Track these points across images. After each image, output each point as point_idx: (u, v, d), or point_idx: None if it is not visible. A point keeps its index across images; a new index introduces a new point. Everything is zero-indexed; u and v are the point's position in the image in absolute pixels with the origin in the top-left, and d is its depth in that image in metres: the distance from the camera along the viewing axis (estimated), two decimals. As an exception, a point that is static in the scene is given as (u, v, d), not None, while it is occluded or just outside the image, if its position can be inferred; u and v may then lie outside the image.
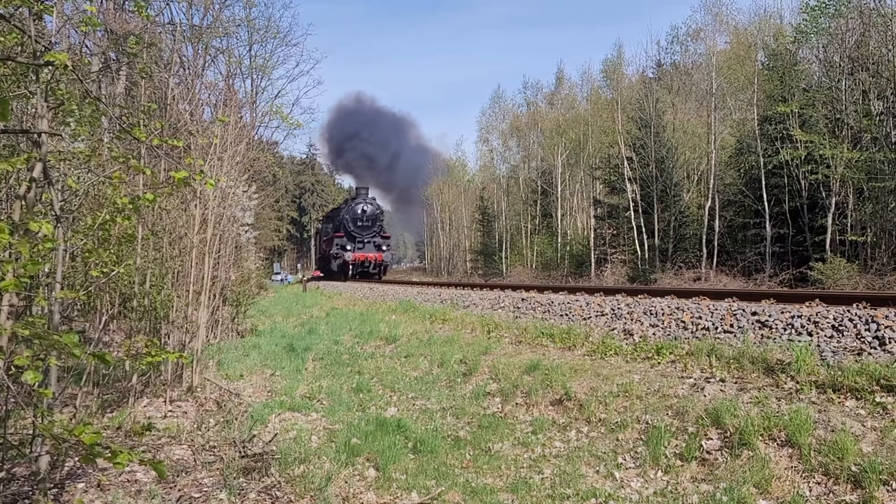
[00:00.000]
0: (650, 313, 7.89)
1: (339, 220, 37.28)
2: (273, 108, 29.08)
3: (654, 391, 5.50)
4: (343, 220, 36.18)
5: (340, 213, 37.99)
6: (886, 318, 5.45)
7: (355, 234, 35.81)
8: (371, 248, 35.75)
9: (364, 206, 36.31)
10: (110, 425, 5.78)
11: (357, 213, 36.01)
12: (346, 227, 35.78)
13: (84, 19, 4.30)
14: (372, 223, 36.53)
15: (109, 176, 5.00)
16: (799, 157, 26.06)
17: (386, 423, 6.09)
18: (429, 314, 12.19)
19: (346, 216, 35.82)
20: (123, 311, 7.71)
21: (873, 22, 23.81)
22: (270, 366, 9.25)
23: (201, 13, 22.62)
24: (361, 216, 35.95)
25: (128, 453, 2.69)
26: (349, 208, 36.50)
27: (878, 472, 3.64)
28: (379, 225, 36.96)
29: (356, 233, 35.90)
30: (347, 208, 36.48)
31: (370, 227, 36.39)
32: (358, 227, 35.87)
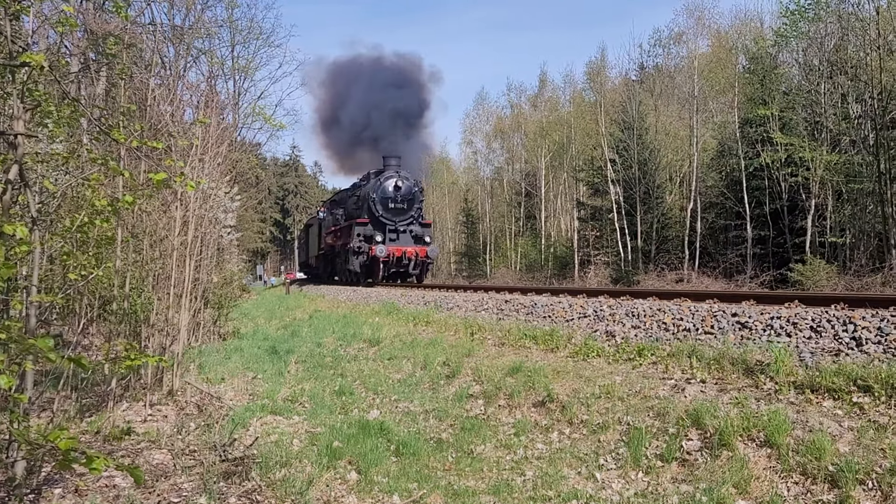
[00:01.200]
0: (632, 315, 7.93)
1: (360, 203, 26.30)
2: (256, 110, 28.97)
3: (636, 392, 5.52)
4: (367, 201, 24.96)
5: (360, 194, 26.88)
6: (863, 319, 5.51)
7: (386, 221, 24.58)
8: (408, 240, 24.82)
9: (397, 182, 24.82)
10: (89, 430, 5.72)
11: (388, 192, 24.68)
12: (372, 211, 24.57)
13: (61, 19, 4.26)
14: (408, 205, 25.00)
15: (88, 178, 4.95)
16: (779, 160, 26.34)
17: (368, 426, 6.07)
18: (412, 316, 12.18)
19: (374, 195, 24.51)
20: (103, 314, 7.64)
21: (851, 26, 24.11)
22: (252, 369, 9.20)
23: (183, 14, 22.52)
24: (394, 195, 24.71)
25: (103, 459, 2.66)
26: (377, 185, 25.00)
27: (854, 472, 3.68)
28: (417, 208, 25.48)
29: (387, 218, 24.64)
30: (375, 186, 25.04)
31: (406, 210, 24.93)
32: (390, 211, 24.65)
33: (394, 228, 24.76)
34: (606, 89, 37.45)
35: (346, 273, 27.41)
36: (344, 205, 29.76)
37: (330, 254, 31.66)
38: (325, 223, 33.04)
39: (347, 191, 30.64)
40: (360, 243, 24.70)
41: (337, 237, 29.15)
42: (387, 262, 23.99)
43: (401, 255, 24.07)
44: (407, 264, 24.43)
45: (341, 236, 28.11)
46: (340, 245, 28.00)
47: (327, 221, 32.52)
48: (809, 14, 27.49)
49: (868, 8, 23.45)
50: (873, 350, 4.95)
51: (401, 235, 24.94)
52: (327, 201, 34.29)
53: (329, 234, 31.13)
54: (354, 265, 24.96)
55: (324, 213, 34.32)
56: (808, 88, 26.89)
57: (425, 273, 25.99)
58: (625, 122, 33.29)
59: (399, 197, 24.78)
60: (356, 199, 27.27)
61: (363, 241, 24.72)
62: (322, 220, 34.21)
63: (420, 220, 25.70)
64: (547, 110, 45.80)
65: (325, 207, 34.47)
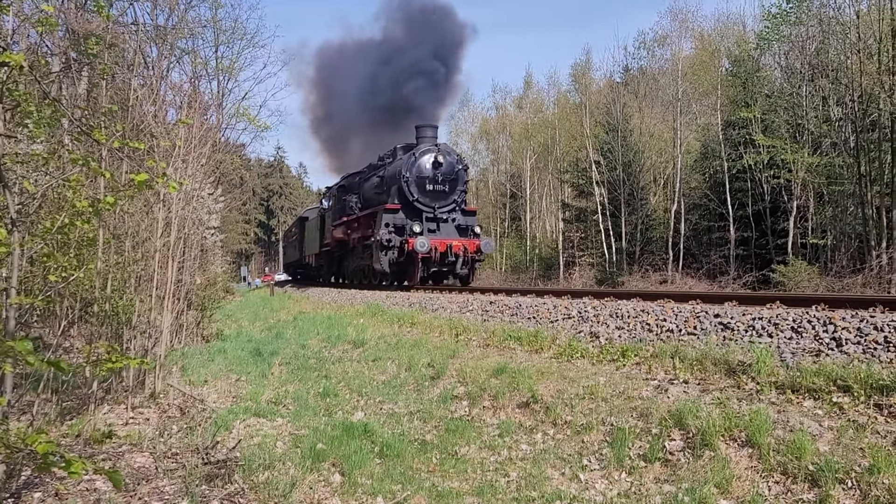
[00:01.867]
0: (616, 316, 7.96)
1: (385, 186, 20.96)
2: (240, 110, 28.78)
3: (619, 393, 5.55)
4: (397, 183, 19.58)
5: (386, 174, 21.32)
6: (843, 319, 5.57)
7: (422, 207, 19.27)
8: (450, 231, 19.48)
9: (437, 157, 19.41)
10: (69, 433, 5.67)
11: (425, 170, 19.35)
12: (404, 195, 19.28)
13: (41, 19, 4.22)
14: (450, 187, 19.59)
15: (68, 179, 4.91)
16: (761, 162, 26.58)
17: (352, 428, 6.06)
18: (397, 317, 12.17)
19: (407, 175, 19.20)
20: (84, 316, 7.56)
21: (832, 30, 24.38)
22: (236, 371, 9.15)
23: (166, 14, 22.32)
24: (433, 175, 19.32)
25: (82, 462, 2.64)
26: (410, 162, 19.52)
27: (834, 471, 3.71)
28: (461, 192, 19.99)
29: (424, 204, 19.29)
30: (407, 163, 19.54)
31: (447, 193, 19.55)
32: (427, 195, 19.33)
33: (432, 216, 19.16)
34: (591, 91, 37.65)
35: (362, 273, 22.57)
36: (358, 190, 23.95)
37: (337, 250, 25.87)
38: (331, 214, 26.81)
39: (362, 173, 24.60)
40: (389, 235, 18.90)
41: (351, 229, 23.15)
42: (427, 258, 18.28)
43: (445, 249, 18.27)
44: (453, 262, 18.59)
45: (358, 227, 22.15)
46: (357, 239, 22.16)
47: (333, 212, 26.27)
48: (791, 18, 27.79)
49: (848, 12, 23.74)
50: (853, 350, 5.00)
51: (441, 226, 19.24)
52: (333, 187, 27.08)
53: (338, 226, 24.81)
54: (382, 263, 18.97)
55: (327, 201, 28.40)
56: (789, 91, 27.17)
57: (474, 273, 20.13)
58: (609, 123, 33.48)
59: (439, 176, 19.12)
60: (379, 181, 21.51)
61: (391, 232, 18.96)
62: (325, 211, 28.39)
63: (463, 207, 20.01)
64: (532, 111, 45.95)
65: (328, 195, 28.59)
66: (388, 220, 19.30)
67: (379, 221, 19.47)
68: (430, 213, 19.23)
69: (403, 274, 19.71)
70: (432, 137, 20.25)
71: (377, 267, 19.61)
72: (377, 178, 21.87)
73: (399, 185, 19.32)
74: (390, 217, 19.32)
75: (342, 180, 26.49)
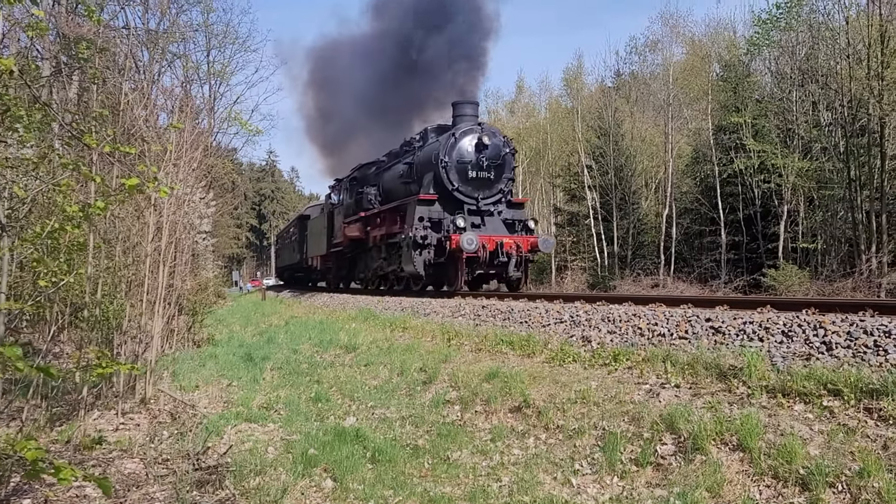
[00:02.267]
0: (608, 320, 7.98)
1: (416, 174, 17.83)
2: (232, 115, 28.73)
3: (611, 397, 5.56)
4: (433, 169, 16.49)
5: (416, 160, 18.01)
6: (833, 323, 5.59)
7: (464, 198, 16.21)
8: (497, 226, 16.42)
9: (481, 137, 16.24)
10: (59, 439, 5.63)
11: (467, 154, 16.23)
12: (442, 184, 16.19)
13: (31, 23, 4.20)
14: (496, 174, 16.51)
15: (58, 183, 4.89)
16: (752, 167, 26.70)
17: (344, 433, 6.05)
18: (389, 322, 12.16)
19: (445, 159, 16.13)
20: (74, 321, 7.52)
21: (822, 36, 24.56)
22: (227, 376, 9.11)
23: (157, 18, 22.32)
24: (476, 159, 16.22)
25: (71, 469, 2.62)
26: (448, 145, 16.33)
27: (824, 475, 3.73)
28: (507, 180, 16.90)
29: (466, 194, 16.22)
30: (445, 145, 16.34)
31: (492, 181, 16.49)
32: (470, 183, 16.29)
33: (475, 209, 16.00)
34: (583, 95, 37.73)
35: (383, 277, 19.59)
36: (376, 181, 20.90)
37: (350, 251, 22.56)
38: (342, 209, 23.21)
39: (380, 163, 21.50)
40: (425, 231, 15.58)
41: (371, 225, 19.64)
42: (474, 259, 14.93)
43: (495, 248, 14.99)
44: (504, 263, 15.33)
45: (380, 224, 18.73)
46: (379, 237, 18.81)
47: (345, 207, 22.85)
48: (781, 23, 27.98)
49: (838, 18, 23.91)
50: (843, 354, 5.02)
51: (486, 220, 16.11)
52: (345, 179, 23.68)
53: (352, 222, 21.23)
54: (416, 265, 15.64)
55: (337, 195, 24.66)
56: (779, 96, 27.33)
57: (527, 277, 16.91)
58: (601, 128, 33.58)
59: (483, 161, 15.86)
60: (406, 169, 18.08)
61: (429, 227, 15.69)
62: (335, 207, 24.61)
63: (510, 198, 16.92)
64: (524, 116, 46.04)
65: (337, 189, 24.72)
66: (422, 213, 15.90)
67: (411, 215, 16.03)
68: (472, 205, 16.03)
69: (441, 277, 16.52)
70: (472, 116, 16.82)
71: (408, 269, 16.31)
72: (404, 166, 18.31)
73: (435, 173, 16.13)
74: (425, 210, 15.96)
75: (354, 171, 23.07)
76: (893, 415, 4.03)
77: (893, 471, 3.63)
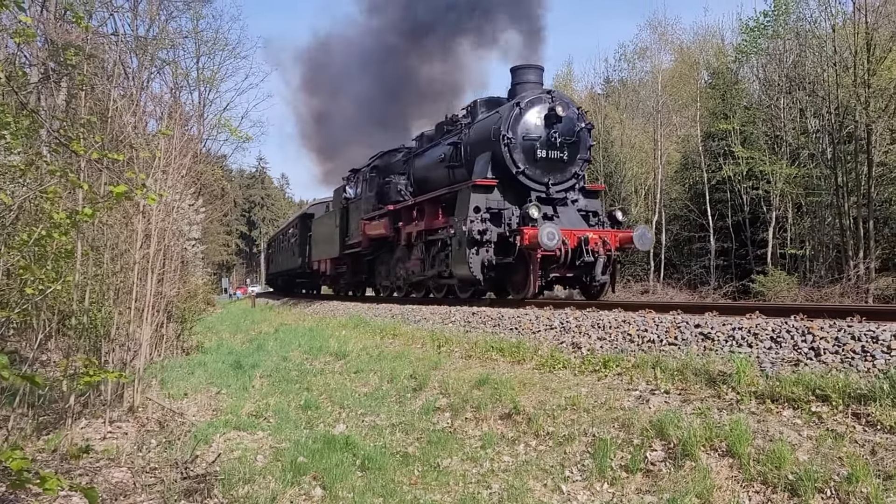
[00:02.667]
0: (598, 326, 7.99)
1: (464, 156, 14.31)
2: (221, 121, 28.69)
3: (601, 404, 5.56)
4: (498, 146, 12.72)
5: (466, 139, 14.39)
6: (821, 329, 5.62)
7: (532, 184, 12.81)
8: (573, 218, 13.12)
9: (556, 108, 12.64)
10: (46, 448, 5.58)
11: (535, 129, 12.75)
12: (504, 166, 12.76)
13: (19, 30, 4.18)
14: (570, 154, 13.04)
15: (45, 190, 4.86)
16: (741, 173, 26.88)
17: (334, 441, 6.02)
18: (379, 329, 12.13)
19: (509, 136, 12.56)
20: (62, 329, 7.47)
21: (809, 43, 24.78)
22: (216, 384, 9.06)
23: (147, 24, 22.29)
24: (548, 136, 12.73)
25: (57, 478, 2.59)
26: (513, 118, 12.67)
27: (813, 480, 3.74)
28: (582, 162, 13.35)
29: (533, 178, 12.81)
30: (509, 118, 12.66)
31: (565, 163, 13.04)
32: (538, 165, 12.81)
33: (545, 196, 12.74)
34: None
35: (418, 284, 16.15)
36: (406, 169, 17.38)
37: (372, 252, 19.07)
38: (361, 204, 19.55)
39: (407, 149, 18.18)
40: (483, 225, 12.27)
41: (402, 221, 16.18)
42: (551, 258, 11.67)
43: (577, 244, 11.67)
44: (590, 263, 11.95)
45: (418, 218, 15.33)
46: (416, 234, 15.37)
47: (365, 201, 19.17)
48: (768, 31, 28.22)
49: (824, 25, 24.15)
50: (831, 360, 5.05)
51: (559, 210, 12.86)
52: (364, 169, 20.00)
53: (375, 218, 17.75)
54: (472, 266, 12.28)
55: (353, 188, 20.89)
56: (767, 103, 27.55)
57: (614, 281, 13.33)
58: (591, 135, 33.68)
59: (556, 138, 12.57)
60: (450, 150, 14.60)
61: (489, 220, 12.46)
62: (350, 202, 20.89)
63: (583, 184, 13.68)
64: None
65: (353, 181, 21.04)
66: (478, 202, 12.55)
67: (463, 205, 12.68)
68: (541, 192, 12.69)
69: (503, 282, 13.25)
70: (537, 84, 13.44)
71: (460, 273, 12.83)
72: (446, 148, 14.80)
73: (493, 153, 12.83)
74: (481, 198, 12.59)
75: (375, 160, 19.63)
76: (881, 420, 4.05)
77: (881, 476, 3.64)
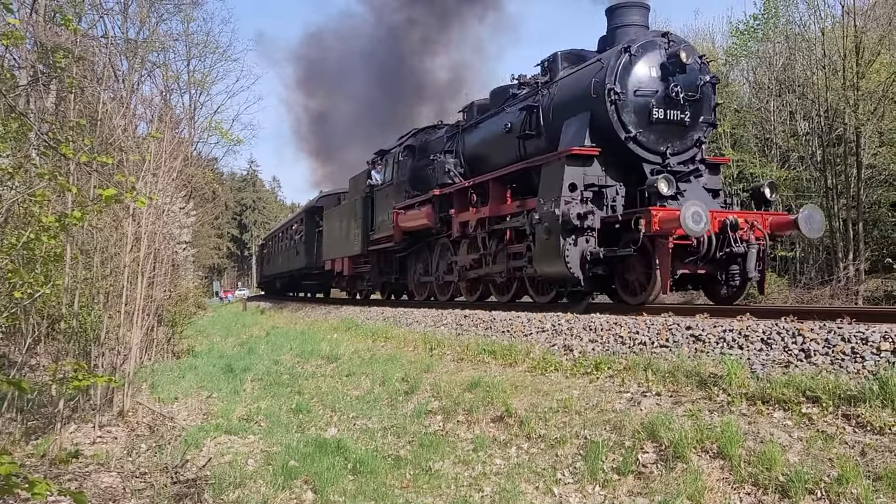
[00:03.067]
0: (590, 329, 7.99)
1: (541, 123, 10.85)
2: (212, 124, 28.60)
3: (593, 406, 5.56)
4: (602, 104, 9.33)
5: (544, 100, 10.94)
6: (812, 331, 5.64)
7: (644, 152, 9.45)
8: (703, 198, 9.43)
9: (681, 53, 9.28)
10: (35, 453, 5.55)
11: (648, 81, 9.40)
12: (608, 128, 9.36)
13: (7, 32, 4.15)
14: (692, 115, 9.56)
15: (34, 193, 4.83)
16: (731, 175, 26.95)
17: (325, 444, 6.00)
18: (371, 332, 12.11)
19: (617, 90, 9.24)
20: (51, 333, 7.43)
21: (798, 46, 24.90)
22: (207, 387, 9.03)
23: (137, 27, 22.20)
24: (666, 91, 9.38)
25: (46, 483, 2.57)
26: (620, 67, 9.32)
27: (803, 482, 3.75)
28: (707, 126, 9.95)
29: (647, 146, 9.45)
30: (614, 68, 9.33)
31: (686, 127, 9.61)
32: (653, 128, 9.41)
33: (660, 167, 9.69)
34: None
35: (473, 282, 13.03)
36: (454, 146, 14.11)
37: (406, 247, 15.88)
38: (390, 190, 16.54)
39: (457, 124, 14.61)
40: (584, 206, 9.40)
41: (455, 207, 13.10)
42: (684, 249, 8.86)
43: (721, 229, 8.79)
44: (740, 255, 9.04)
45: (479, 202, 12.40)
46: (475, 222, 12.36)
47: (395, 187, 16.19)
48: (758, 34, 28.35)
49: (814, 29, 24.27)
50: (821, 361, 5.06)
51: (681, 187, 9.57)
52: (393, 150, 16.97)
53: (414, 206, 14.67)
54: (567, 259, 9.31)
55: (380, 173, 17.63)
56: (757, 106, 27.67)
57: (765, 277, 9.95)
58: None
59: (676, 93, 9.56)
60: (523, 116, 11.45)
61: (590, 200, 9.58)
62: (378, 188, 17.50)
63: (704, 156, 10.56)
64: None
65: (381, 164, 17.69)
66: (574, 177, 9.49)
67: (555, 181, 9.60)
68: (656, 164, 9.60)
69: (609, 281, 10.09)
70: (643, 27, 10.42)
71: (548, 269, 9.79)
72: (516, 115, 11.65)
73: (595, 113, 9.63)
74: (578, 172, 9.52)
75: (407, 138, 16.67)
76: (871, 421, 4.07)
77: (871, 477, 3.65)
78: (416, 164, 15.76)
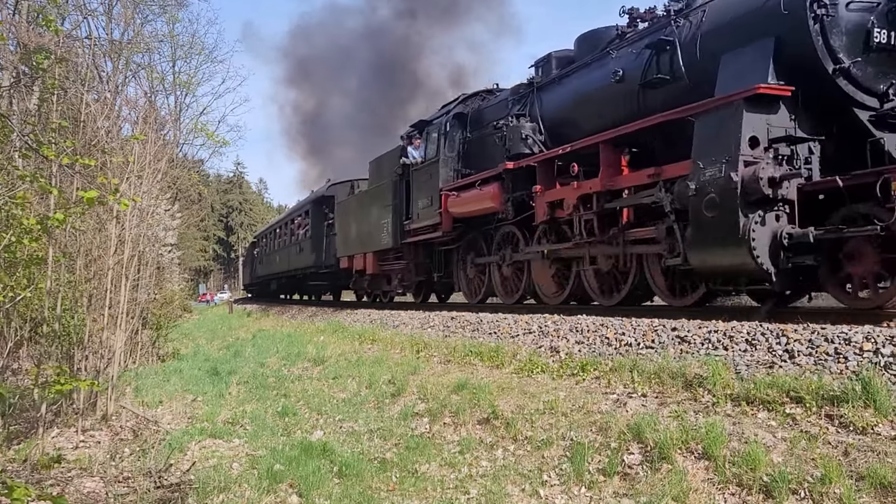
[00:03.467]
0: (576, 330, 8.01)
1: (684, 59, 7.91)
2: (198, 126, 28.40)
3: (579, 407, 5.57)
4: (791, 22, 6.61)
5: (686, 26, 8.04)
6: (795, 331, 5.68)
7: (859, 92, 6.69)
8: None
9: None
10: (16, 458, 5.48)
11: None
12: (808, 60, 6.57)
13: (-13, 32, 4.11)
14: None
15: (15, 195, 4.79)
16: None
17: (311, 448, 5.97)
18: (358, 334, 12.08)
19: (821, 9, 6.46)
20: (34, 336, 7.35)
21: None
22: (192, 391, 8.96)
23: (121, 28, 22.03)
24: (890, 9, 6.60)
25: (25, 488, 2.54)
26: None
27: (787, 482, 3.77)
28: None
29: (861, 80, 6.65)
30: None
31: None
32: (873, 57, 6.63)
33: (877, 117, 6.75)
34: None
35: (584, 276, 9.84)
36: (526, 108, 11.45)
37: (453, 237, 13.26)
38: (432, 170, 13.50)
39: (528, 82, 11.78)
40: (775, 169, 6.46)
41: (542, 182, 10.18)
42: None
43: None
44: None
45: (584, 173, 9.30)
46: (574, 201, 9.37)
47: (443, 164, 13.19)
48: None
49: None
50: (805, 362, 5.10)
51: None
52: (437, 121, 13.85)
53: (473, 184, 11.91)
54: (754, 244, 6.39)
55: (420, 151, 14.36)
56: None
57: None
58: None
59: None
60: (647, 57, 8.58)
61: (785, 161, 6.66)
62: (416, 167, 14.24)
63: None
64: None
65: (422, 139, 14.32)
66: (756, 128, 6.76)
67: (729, 133, 6.82)
68: (873, 108, 6.89)
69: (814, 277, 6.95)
70: None
71: (718, 261, 7.05)
72: (634, 55, 8.96)
73: (781, 39, 6.92)
74: (760, 121, 6.80)
75: (455, 105, 13.87)
76: (854, 421, 4.10)
77: (854, 477, 3.68)
78: (470, 135, 13.19)
